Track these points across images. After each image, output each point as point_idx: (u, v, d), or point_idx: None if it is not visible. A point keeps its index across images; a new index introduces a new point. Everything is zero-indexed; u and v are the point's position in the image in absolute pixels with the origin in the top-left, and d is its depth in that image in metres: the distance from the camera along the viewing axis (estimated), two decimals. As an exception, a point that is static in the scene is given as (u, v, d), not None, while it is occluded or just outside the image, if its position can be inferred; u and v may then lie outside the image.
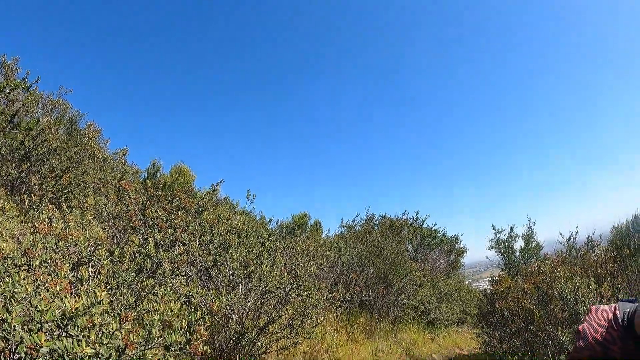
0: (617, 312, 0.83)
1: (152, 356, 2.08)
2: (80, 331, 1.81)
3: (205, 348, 2.38)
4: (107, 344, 1.79)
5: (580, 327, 0.87)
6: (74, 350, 1.70)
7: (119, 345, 1.89)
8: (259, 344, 4.24)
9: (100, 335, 1.84)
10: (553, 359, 4.27)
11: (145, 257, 2.78)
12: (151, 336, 2.03)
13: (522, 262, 10.06)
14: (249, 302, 4.05)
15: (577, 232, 8.44)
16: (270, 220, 10.28)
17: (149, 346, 2.02)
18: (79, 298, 1.88)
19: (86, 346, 1.73)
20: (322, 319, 5.09)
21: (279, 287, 4.24)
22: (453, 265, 13.38)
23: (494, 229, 13.52)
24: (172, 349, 2.06)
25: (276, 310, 4.32)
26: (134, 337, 1.93)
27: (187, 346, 2.21)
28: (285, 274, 4.42)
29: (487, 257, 12.96)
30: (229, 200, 10.78)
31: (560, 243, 8.04)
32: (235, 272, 3.95)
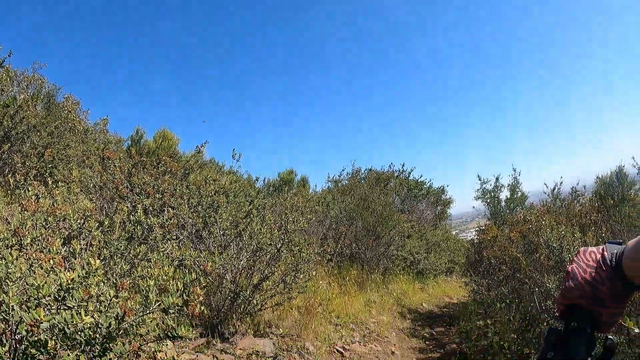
0: (605, 253, 0.84)
1: (151, 320, 2.11)
2: (78, 304, 1.82)
3: (202, 308, 2.42)
4: (106, 312, 1.81)
5: (569, 267, 0.88)
6: (74, 322, 1.72)
7: (118, 313, 1.91)
8: (254, 302, 4.32)
9: (98, 305, 1.86)
10: (539, 305, 4.40)
11: (136, 225, 2.78)
12: (148, 301, 2.05)
13: (507, 211, 10.27)
14: (241, 260, 4.09)
15: (561, 183, 8.63)
16: (257, 179, 10.29)
17: (147, 311, 2.05)
18: (73, 271, 1.88)
19: (85, 316, 1.74)
20: (314, 274, 5.19)
21: (270, 244, 4.29)
22: (440, 216, 13.62)
23: (479, 179, 13.72)
24: (170, 311, 2.09)
25: (269, 267, 4.38)
26: (132, 303, 1.96)
27: (185, 307, 2.24)
28: (276, 230, 4.46)
29: (473, 207, 13.19)
30: (215, 161, 10.73)
31: (545, 193, 8.20)
32: (226, 232, 3.98)
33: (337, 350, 4.99)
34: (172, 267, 2.68)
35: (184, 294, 2.20)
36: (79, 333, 1.80)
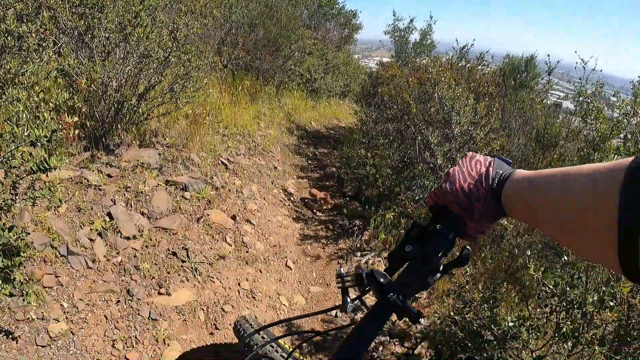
0: (491, 169, 0.80)
1: (21, 154, 1.87)
2: None
3: (77, 132, 2.19)
4: None
5: (451, 170, 0.85)
6: None
7: None
8: (140, 111, 4.06)
9: None
10: (418, 151, 4.67)
11: (5, 35, 2.27)
12: (17, 135, 1.78)
13: (413, 55, 10.24)
14: (127, 67, 3.70)
15: (472, 45, 8.54)
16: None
17: (14, 146, 1.79)
18: None
19: None
20: (205, 82, 4.94)
21: (159, 50, 3.89)
22: (346, 40, 13.25)
23: (394, 15, 13.37)
24: (39, 144, 1.85)
25: (156, 74, 4.04)
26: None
27: (56, 134, 2.00)
28: (165, 35, 4.02)
29: (380, 42, 13.02)
30: None
31: (454, 49, 8.16)
32: (111, 35, 3.48)
33: (222, 162, 5.03)
34: (50, 80, 2.32)
35: (53, 122, 1.93)
36: None
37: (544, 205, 0.66)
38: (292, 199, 5.32)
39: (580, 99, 3.68)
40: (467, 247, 0.89)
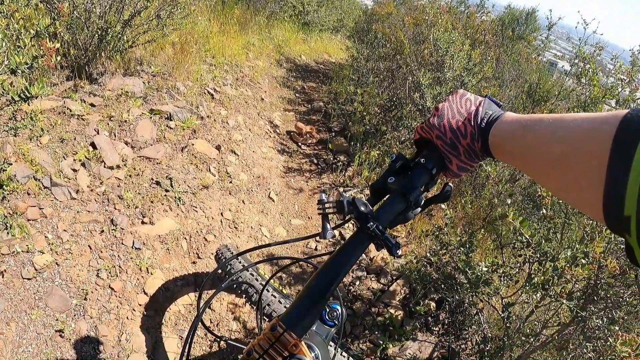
0: (480, 109, 0.81)
1: (1, 83, 1.86)
2: None
3: (58, 59, 2.17)
4: None
5: (441, 104, 0.87)
6: None
7: None
8: (125, 38, 3.97)
9: None
10: (408, 92, 4.66)
11: None
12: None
13: None
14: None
15: None
16: None
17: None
18: None
19: None
20: (193, 9, 4.82)
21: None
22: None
23: None
24: (19, 71, 1.85)
25: (142, 0, 3.94)
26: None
27: (37, 61, 1.99)
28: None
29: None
30: None
31: None
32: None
33: (208, 91, 4.99)
34: (30, 7, 2.26)
35: (34, 49, 1.92)
36: None
37: (534, 144, 0.66)
38: (277, 131, 5.34)
39: (577, 60, 3.65)
40: (449, 184, 0.92)
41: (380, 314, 3.16)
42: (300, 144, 5.27)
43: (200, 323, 1.18)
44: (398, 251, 0.84)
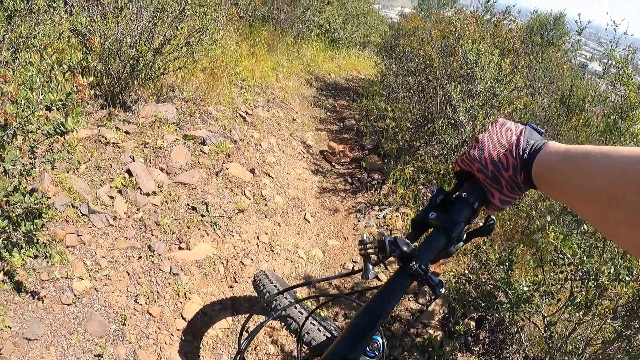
0: (522, 138, 0.78)
1: (37, 119, 1.88)
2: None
3: (92, 92, 2.19)
4: None
5: (481, 135, 0.84)
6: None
7: None
8: (156, 66, 4.03)
9: None
10: (439, 106, 4.59)
11: None
12: (31, 100, 1.79)
13: (436, 6, 9.82)
14: (141, 22, 3.66)
15: None
16: None
17: (30, 112, 1.80)
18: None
19: None
20: (222, 34, 4.88)
21: (173, 3, 3.84)
22: (367, -10, 12.80)
23: None
24: (54, 108, 1.86)
25: (172, 28, 4.00)
26: (10, 109, 1.69)
27: (71, 97, 2.00)
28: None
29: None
30: None
31: (479, 1, 7.81)
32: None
33: (240, 114, 5.02)
34: (63, 40, 2.31)
35: (67, 84, 1.93)
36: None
37: (580, 179, 0.63)
38: (310, 151, 5.32)
39: (609, 62, 3.53)
40: (492, 217, 0.90)
41: (419, 335, 3.06)
42: (333, 163, 5.23)
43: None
44: (441, 289, 0.83)
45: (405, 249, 0.88)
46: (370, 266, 0.93)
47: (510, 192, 0.81)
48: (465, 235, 0.89)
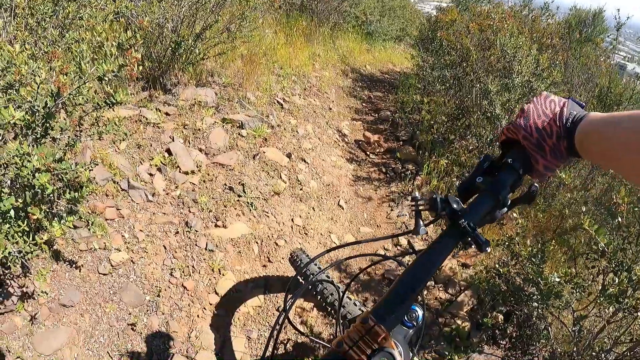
0: (565, 109, 0.82)
1: (87, 90, 1.95)
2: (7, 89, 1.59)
3: (140, 69, 2.26)
4: (40, 92, 1.62)
5: (526, 106, 0.88)
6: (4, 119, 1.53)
7: (52, 90, 1.73)
8: (197, 51, 4.11)
9: (30, 89, 1.65)
10: (475, 99, 4.53)
11: None
12: (82, 71, 1.86)
13: (473, 0, 9.66)
14: (183, 8, 3.74)
15: None
16: None
17: (82, 82, 1.88)
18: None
19: (16, 110, 1.55)
20: (261, 22, 4.94)
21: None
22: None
23: None
24: (106, 78, 1.93)
25: (213, 14, 4.08)
26: (64, 79, 1.76)
27: (121, 71, 2.07)
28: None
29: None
30: None
31: None
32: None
33: (277, 101, 5.07)
34: (107, 22, 2.38)
35: (119, 58, 2.00)
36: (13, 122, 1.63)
37: (623, 140, 0.67)
38: (346, 140, 5.33)
39: None
40: (535, 184, 0.91)
41: (446, 325, 3.05)
42: (368, 152, 5.23)
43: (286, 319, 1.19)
44: (488, 248, 0.85)
45: (455, 206, 0.90)
46: (421, 222, 0.95)
47: (553, 159, 0.84)
48: (509, 202, 0.91)
